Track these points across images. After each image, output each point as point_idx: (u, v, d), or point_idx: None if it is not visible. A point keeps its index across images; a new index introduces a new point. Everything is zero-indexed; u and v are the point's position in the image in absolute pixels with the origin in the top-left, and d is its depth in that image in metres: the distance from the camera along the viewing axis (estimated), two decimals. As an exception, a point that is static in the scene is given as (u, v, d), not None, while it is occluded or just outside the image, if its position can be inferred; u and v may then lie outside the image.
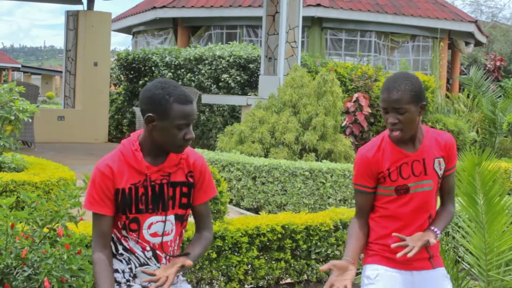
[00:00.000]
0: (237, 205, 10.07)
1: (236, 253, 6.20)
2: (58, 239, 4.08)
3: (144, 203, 3.10)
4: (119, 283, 3.18)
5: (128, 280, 3.18)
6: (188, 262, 3.08)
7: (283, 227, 6.43)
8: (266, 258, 6.45)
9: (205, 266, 6.01)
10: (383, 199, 3.49)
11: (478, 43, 26.12)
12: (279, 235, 6.40)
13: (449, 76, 25.27)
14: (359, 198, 3.58)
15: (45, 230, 4.15)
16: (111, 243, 3.16)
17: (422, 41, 22.14)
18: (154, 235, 3.12)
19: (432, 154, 3.45)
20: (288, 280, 6.73)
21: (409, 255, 3.23)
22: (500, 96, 17.24)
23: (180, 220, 3.21)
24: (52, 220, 4.12)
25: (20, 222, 4.15)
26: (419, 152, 3.44)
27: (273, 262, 6.48)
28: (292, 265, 6.60)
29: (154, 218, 3.12)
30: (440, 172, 3.46)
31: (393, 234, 3.34)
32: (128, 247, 3.15)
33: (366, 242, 3.58)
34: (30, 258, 3.96)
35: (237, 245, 6.18)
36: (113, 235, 3.17)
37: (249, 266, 6.35)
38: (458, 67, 25.60)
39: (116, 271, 3.18)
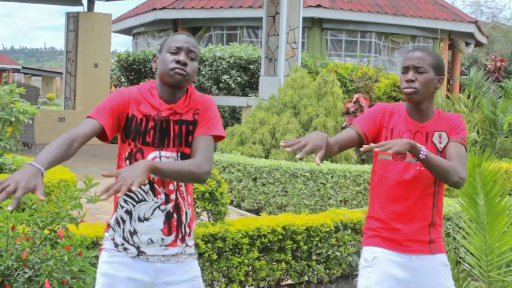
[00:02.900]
0: (238, 206, 10.08)
1: (236, 254, 6.20)
2: (58, 240, 4.08)
3: (151, 136, 3.14)
4: (116, 244, 3.20)
5: (125, 241, 3.18)
6: (155, 165, 2.86)
7: (283, 228, 6.43)
8: (266, 259, 6.45)
9: (205, 267, 6.01)
10: (381, 161, 3.49)
11: (478, 44, 26.15)
12: (280, 236, 6.40)
13: (450, 76, 25.27)
14: (345, 131, 3.54)
15: (46, 231, 4.15)
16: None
17: (422, 42, 22.14)
18: None
19: (434, 128, 3.46)
20: (289, 281, 6.72)
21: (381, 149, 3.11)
22: (500, 97, 17.19)
23: (186, 159, 3.18)
24: (52, 222, 4.12)
25: (21, 224, 4.15)
26: (424, 125, 3.45)
27: (274, 263, 6.48)
28: (293, 266, 6.60)
29: (157, 153, 3.14)
30: (440, 145, 3.43)
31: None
32: None
33: (367, 215, 3.59)
34: (30, 259, 3.96)
35: (237, 246, 6.18)
36: None
37: (250, 267, 6.35)
38: (458, 68, 25.61)
39: (117, 223, 3.21)
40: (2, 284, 3.87)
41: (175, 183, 3.18)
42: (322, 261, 6.76)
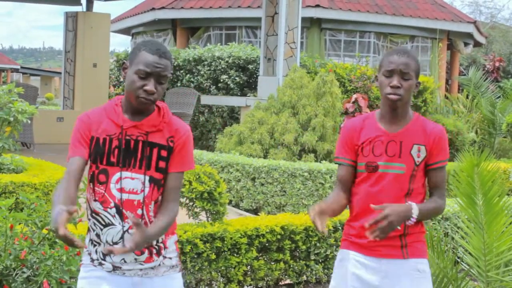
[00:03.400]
0: (236, 206, 10.07)
1: (235, 254, 6.20)
2: (57, 240, 4.09)
3: (116, 156, 3.06)
4: (92, 259, 3.15)
5: (101, 257, 3.13)
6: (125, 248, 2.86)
7: (282, 228, 6.43)
8: (265, 259, 6.45)
9: (204, 267, 6.01)
10: (358, 176, 3.47)
11: (477, 44, 26.14)
12: (278, 236, 6.40)
13: (448, 76, 25.27)
14: (339, 170, 3.54)
15: (44, 231, 4.15)
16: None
17: (421, 42, 22.14)
18: (120, 190, 3.04)
19: (412, 139, 3.38)
20: (287, 281, 6.73)
21: (376, 236, 3.16)
22: (499, 97, 17.21)
23: (157, 184, 3.10)
24: (51, 222, 4.12)
25: (19, 224, 4.16)
26: (398, 134, 3.39)
27: (272, 263, 6.48)
28: (291, 266, 6.60)
29: (123, 174, 3.05)
30: (418, 159, 3.37)
31: (371, 206, 3.23)
32: (93, 209, 3.10)
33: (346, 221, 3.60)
34: (29, 259, 3.96)
35: (236, 246, 6.18)
36: None
37: (248, 267, 6.35)
38: (457, 68, 25.61)
39: (91, 243, 3.17)
40: (1, 283, 3.87)
41: (143, 207, 3.09)
42: (320, 261, 6.76)
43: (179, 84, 17.10)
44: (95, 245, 3.15)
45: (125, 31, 25.82)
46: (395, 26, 21.06)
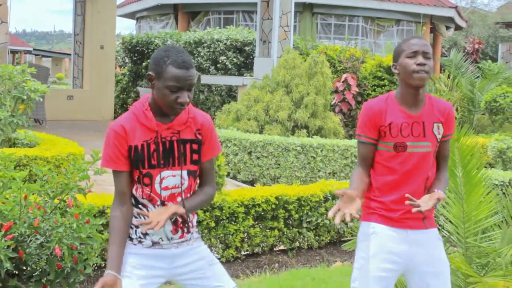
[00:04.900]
0: (234, 178, 10.09)
1: (233, 223, 6.21)
2: (68, 209, 4.09)
3: (156, 158, 3.07)
4: (131, 238, 3.15)
5: (140, 237, 3.14)
6: (181, 210, 3.04)
7: (276, 198, 6.45)
8: (261, 227, 6.46)
9: (204, 234, 6.03)
10: (383, 154, 3.44)
11: (458, 27, 26.10)
12: (273, 206, 6.41)
13: (431, 58, 25.21)
14: (361, 148, 3.50)
15: (56, 201, 4.15)
16: None
17: (406, 26, 22.07)
18: (165, 188, 3.09)
19: (431, 118, 3.42)
20: (281, 247, 6.75)
21: (422, 209, 3.19)
22: (478, 77, 17.17)
23: (193, 175, 3.17)
24: (62, 192, 4.12)
25: (33, 194, 4.15)
26: (419, 115, 3.40)
27: (268, 231, 6.50)
28: (285, 233, 6.62)
29: (165, 173, 3.08)
30: (439, 137, 3.43)
31: (406, 195, 3.26)
32: (141, 202, 3.13)
33: (366, 195, 3.53)
34: (42, 227, 3.97)
35: (234, 215, 6.20)
36: None
37: (245, 234, 6.37)
38: (439, 50, 25.57)
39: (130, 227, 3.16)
40: (16, 249, 3.88)
41: (182, 196, 3.15)
42: (312, 228, 6.78)
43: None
44: (133, 228, 3.16)
45: (130, 15, 25.71)
46: (382, 11, 20.99)
